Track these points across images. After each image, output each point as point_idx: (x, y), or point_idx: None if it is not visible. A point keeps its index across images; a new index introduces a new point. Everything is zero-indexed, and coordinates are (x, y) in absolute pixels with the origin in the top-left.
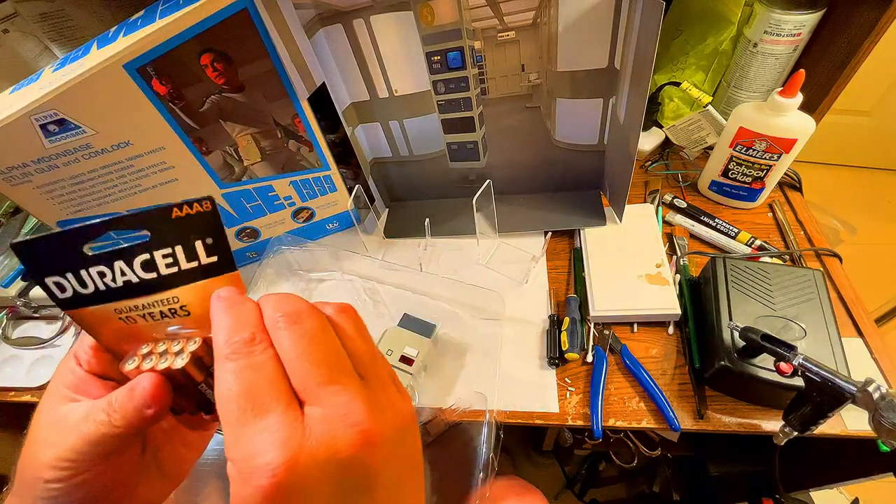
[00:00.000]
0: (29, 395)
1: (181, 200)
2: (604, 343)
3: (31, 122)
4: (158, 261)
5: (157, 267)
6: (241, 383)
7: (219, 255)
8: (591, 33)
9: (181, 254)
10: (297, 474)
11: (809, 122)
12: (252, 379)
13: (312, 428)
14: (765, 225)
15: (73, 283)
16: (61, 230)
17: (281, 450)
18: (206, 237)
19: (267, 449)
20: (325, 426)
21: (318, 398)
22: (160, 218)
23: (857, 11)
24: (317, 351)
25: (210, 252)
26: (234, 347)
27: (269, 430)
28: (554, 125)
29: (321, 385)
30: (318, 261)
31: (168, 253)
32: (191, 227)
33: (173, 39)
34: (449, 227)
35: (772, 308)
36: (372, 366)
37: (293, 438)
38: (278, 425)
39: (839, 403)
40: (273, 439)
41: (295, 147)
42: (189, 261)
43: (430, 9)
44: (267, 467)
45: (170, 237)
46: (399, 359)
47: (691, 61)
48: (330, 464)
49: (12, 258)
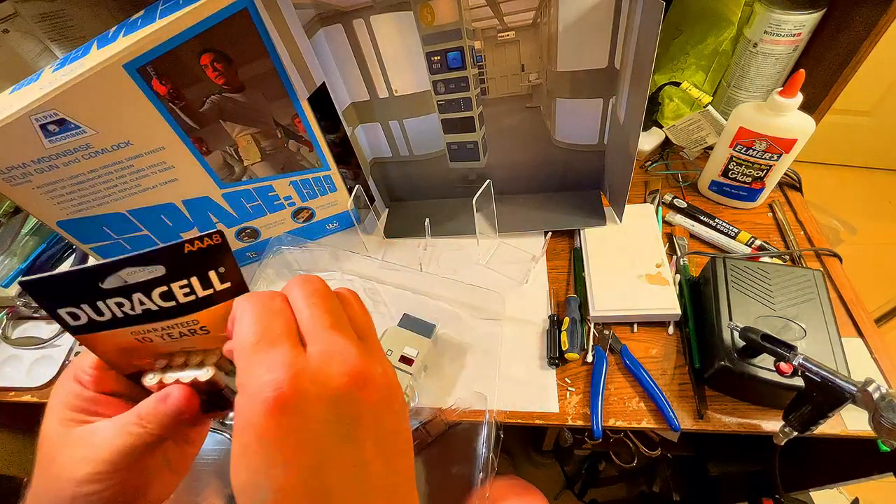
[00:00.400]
0: (29, 395)
1: (192, 237)
2: (604, 343)
3: (31, 122)
4: (176, 291)
5: (175, 296)
6: (259, 321)
7: (232, 282)
8: (591, 33)
9: (197, 284)
10: (298, 392)
11: (809, 122)
12: (268, 319)
13: (312, 359)
14: (765, 225)
15: (88, 313)
16: (74, 270)
17: (286, 369)
18: (218, 267)
19: (274, 368)
20: (323, 359)
21: (319, 338)
22: (173, 254)
23: (857, 11)
24: (322, 303)
25: (224, 279)
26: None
27: (278, 356)
28: (554, 125)
29: (324, 328)
30: (318, 261)
31: (184, 284)
32: (203, 259)
33: (173, 39)
34: (449, 227)
35: (772, 308)
36: (368, 333)
37: (297, 363)
38: (285, 354)
39: (839, 403)
40: (280, 361)
41: (295, 147)
42: (205, 289)
43: (430, 9)
44: (273, 382)
45: (184, 270)
46: (399, 359)
47: (691, 61)
48: (326, 390)
49: (12, 258)
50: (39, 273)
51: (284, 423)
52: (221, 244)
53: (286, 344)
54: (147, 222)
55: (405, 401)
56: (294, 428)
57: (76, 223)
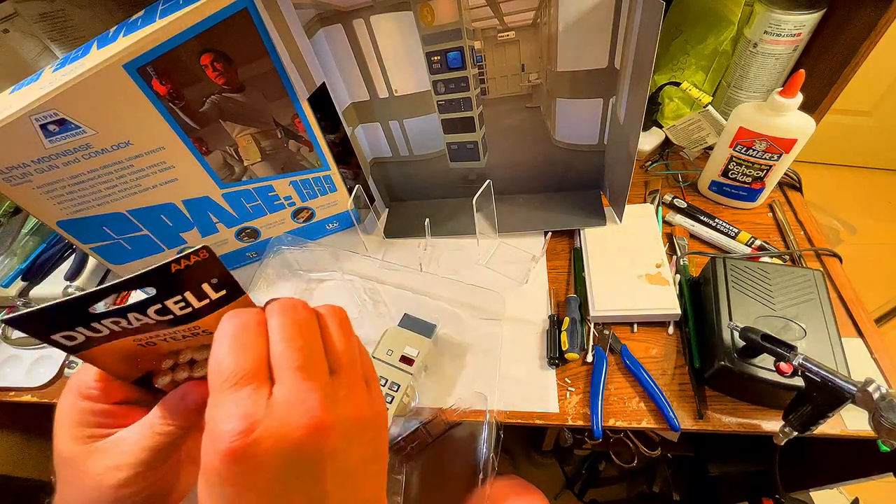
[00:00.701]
0: (29, 395)
1: (177, 255)
2: (604, 343)
3: (31, 122)
4: (171, 307)
5: (171, 311)
6: (231, 354)
7: (227, 289)
8: (591, 33)
9: (191, 297)
10: (251, 446)
11: (809, 122)
12: (239, 354)
13: (273, 408)
14: (765, 225)
15: (84, 332)
16: (59, 302)
17: (242, 421)
18: (211, 279)
19: (231, 418)
20: (283, 408)
21: (285, 380)
22: (161, 275)
23: (857, 11)
24: (298, 338)
25: (218, 288)
26: (235, 323)
27: (238, 402)
28: (554, 125)
29: (292, 370)
30: (318, 261)
31: (179, 299)
32: (194, 275)
33: (173, 39)
34: (449, 227)
35: (772, 308)
36: (347, 364)
37: (255, 414)
38: (247, 400)
39: (839, 403)
40: (238, 411)
41: (295, 147)
42: (200, 300)
43: (430, 9)
44: (228, 434)
45: (176, 287)
46: (399, 359)
47: (691, 61)
48: (281, 443)
49: (12, 258)
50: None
51: (240, 470)
52: (209, 258)
53: (250, 386)
54: (147, 222)
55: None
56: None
57: (76, 223)
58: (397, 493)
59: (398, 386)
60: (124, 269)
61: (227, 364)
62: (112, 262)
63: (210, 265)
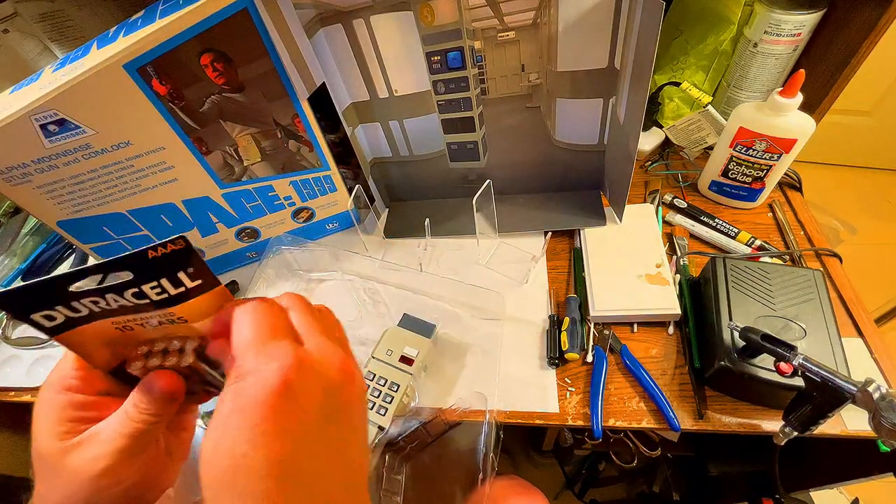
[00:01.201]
0: (29, 395)
1: (154, 243)
2: (604, 343)
3: (31, 122)
4: (147, 291)
5: (147, 295)
6: (262, 321)
7: (203, 278)
8: (591, 33)
9: (167, 284)
10: (301, 376)
11: (809, 122)
12: (270, 319)
13: (311, 352)
14: (765, 225)
15: (64, 312)
16: (37, 281)
17: (292, 357)
18: (187, 268)
19: (281, 356)
20: (319, 354)
21: (314, 339)
22: (138, 260)
23: (857, 11)
24: (312, 315)
25: (194, 277)
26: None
27: (283, 346)
28: (554, 125)
29: (317, 333)
30: (318, 261)
31: (155, 285)
32: (170, 263)
33: (173, 39)
34: (449, 227)
35: (772, 308)
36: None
37: (300, 352)
38: (288, 345)
39: (839, 403)
40: (286, 350)
41: (295, 147)
42: (176, 287)
43: (430, 9)
44: (281, 368)
45: (152, 273)
46: (399, 359)
47: (691, 61)
48: (323, 379)
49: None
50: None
51: (288, 405)
52: (185, 248)
53: (288, 338)
54: (147, 222)
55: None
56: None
57: (76, 223)
58: (397, 493)
59: (398, 386)
60: None
61: (256, 329)
62: None
63: (186, 255)
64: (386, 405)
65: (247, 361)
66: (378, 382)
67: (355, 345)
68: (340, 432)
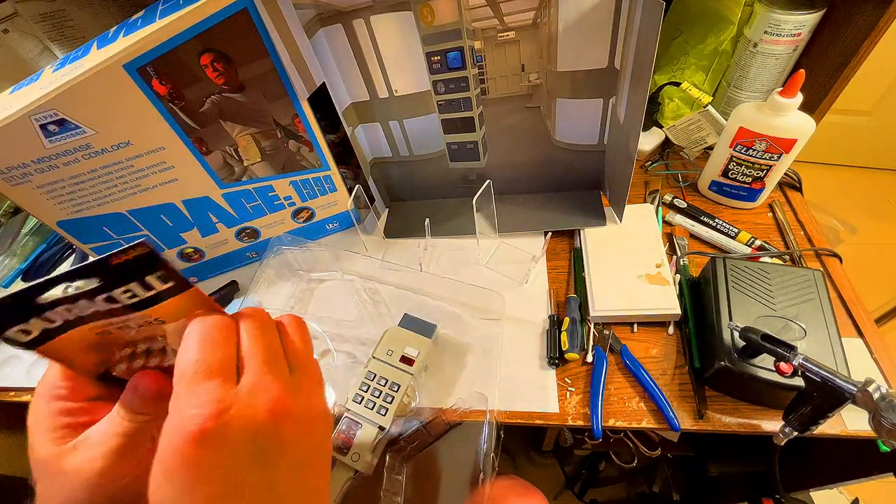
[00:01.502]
0: (29, 395)
1: (117, 250)
2: (604, 343)
3: (31, 122)
4: (118, 296)
5: (119, 300)
6: (199, 352)
7: (174, 281)
8: (591, 33)
9: (138, 288)
10: (221, 425)
11: (809, 122)
12: (207, 352)
13: (240, 394)
14: (765, 225)
15: (38, 325)
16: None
17: (214, 405)
18: (155, 272)
19: (201, 404)
20: (249, 393)
21: (251, 371)
22: (102, 267)
23: (857, 11)
24: (263, 337)
25: (165, 280)
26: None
27: (209, 390)
28: (554, 125)
29: (258, 362)
30: (318, 261)
31: (126, 289)
32: (136, 268)
33: (173, 39)
34: (449, 227)
35: (772, 308)
36: (304, 363)
37: (225, 399)
38: (217, 389)
39: (839, 403)
40: (209, 397)
41: (295, 147)
42: (147, 290)
43: (430, 9)
44: (199, 416)
45: (121, 279)
46: (399, 359)
47: (691, 61)
48: (248, 423)
49: (12, 258)
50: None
51: (206, 452)
52: (148, 253)
53: (219, 378)
54: (147, 222)
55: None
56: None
57: (76, 223)
58: (397, 493)
59: (398, 386)
60: None
61: (195, 359)
62: None
63: (150, 260)
64: (386, 405)
65: (178, 395)
66: (378, 382)
67: (355, 345)
68: (276, 472)
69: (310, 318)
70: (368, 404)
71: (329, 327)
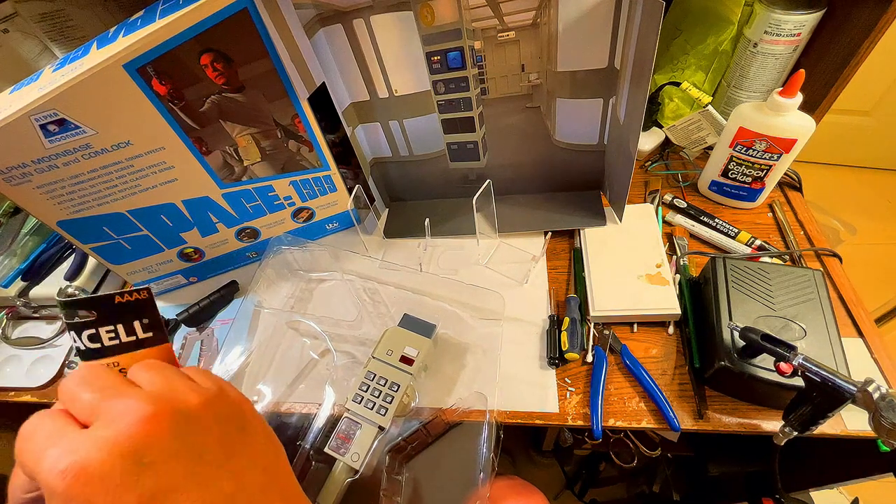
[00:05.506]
0: (29, 395)
1: (123, 290)
2: (604, 343)
3: (31, 122)
4: (102, 335)
5: (101, 339)
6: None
7: (153, 332)
8: (591, 33)
9: (122, 330)
10: (88, 468)
11: (809, 122)
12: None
13: (96, 430)
14: (765, 225)
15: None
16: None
17: (69, 455)
18: (143, 318)
19: (58, 459)
20: (106, 424)
21: (95, 412)
22: (106, 303)
23: (857, 11)
24: (95, 382)
25: (146, 329)
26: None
27: (59, 448)
28: (554, 125)
29: (95, 403)
30: (318, 261)
31: (111, 329)
32: (130, 310)
33: (173, 39)
34: (449, 227)
35: (772, 308)
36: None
37: (75, 443)
38: (65, 442)
39: (839, 403)
40: (61, 451)
41: (295, 147)
42: (128, 335)
43: (430, 9)
44: (59, 473)
45: (113, 317)
46: (399, 359)
47: (691, 61)
48: (115, 447)
49: (12, 258)
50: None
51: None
52: (148, 298)
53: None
54: (147, 222)
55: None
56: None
57: (76, 223)
58: (397, 494)
59: (398, 386)
60: (124, 269)
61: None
62: (112, 262)
63: (146, 305)
64: (386, 405)
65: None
66: (378, 382)
67: (355, 345)
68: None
69: (310, 318)
70: (368, 404)
71: (329, 327)
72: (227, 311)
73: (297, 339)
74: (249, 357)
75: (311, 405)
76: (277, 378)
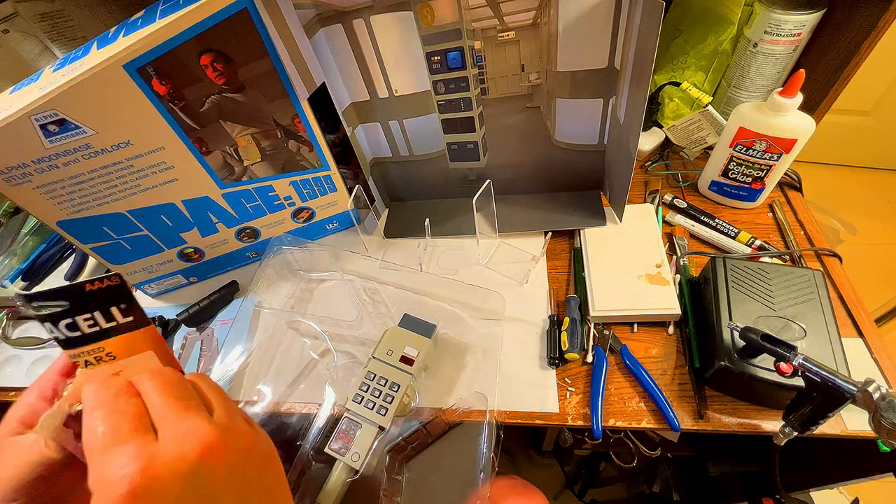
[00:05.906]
0: None
1: (92, 278)
2: (604, 343)
3: (31, 122)
4: (80, 323)
5: (80, 328)
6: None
7: (133, 315)
8: (591, 33)
9: (100, 317)
10: (151, 479)
11: (809, 122)
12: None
13: (164, 444)
14: (765, 225)
15: None
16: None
17: (137, 461)
18: (119, 304)
19: (125, 463)
20: (175, 441)
21: (168, 423)
22: (76, 292)
23: (857, 11)
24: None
25: (125, 314)
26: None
27: (127, 450)
28: (554, 125)
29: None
30: (318, 261)
31: (88, 317)
32: (104, 297)
33: (173, 39)
34: (449, 227)
35: (772, 308)
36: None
37: (147, 452)
38: (134, 446)
39: (839, 403)
40: (130, 456)
41: (295, 147)
42: (108, 321)
43: (430, 9)
44: (125, 478)
45: (88, 305)
46: (399, 359)
47: (691, 61)
48: (181, 466)
49: (12, 258)
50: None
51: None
52: (120, 284)
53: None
54: (147, 222)
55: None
56: None
57: (76, 223)
58: (397, 494)
59: (398, 386)
60: (124, 270)
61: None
62: (112, 262)
63: (119, 291)
64: (386, 405)
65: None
66: (378, 382)
67: (355, 345)
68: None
69: (310, 318)
70: (368, 404)
71: (329, 327)
72: (227, 311)
73: (298, 339)
74: (249, 357)
75: (312, 405)
76: (277, 378)
